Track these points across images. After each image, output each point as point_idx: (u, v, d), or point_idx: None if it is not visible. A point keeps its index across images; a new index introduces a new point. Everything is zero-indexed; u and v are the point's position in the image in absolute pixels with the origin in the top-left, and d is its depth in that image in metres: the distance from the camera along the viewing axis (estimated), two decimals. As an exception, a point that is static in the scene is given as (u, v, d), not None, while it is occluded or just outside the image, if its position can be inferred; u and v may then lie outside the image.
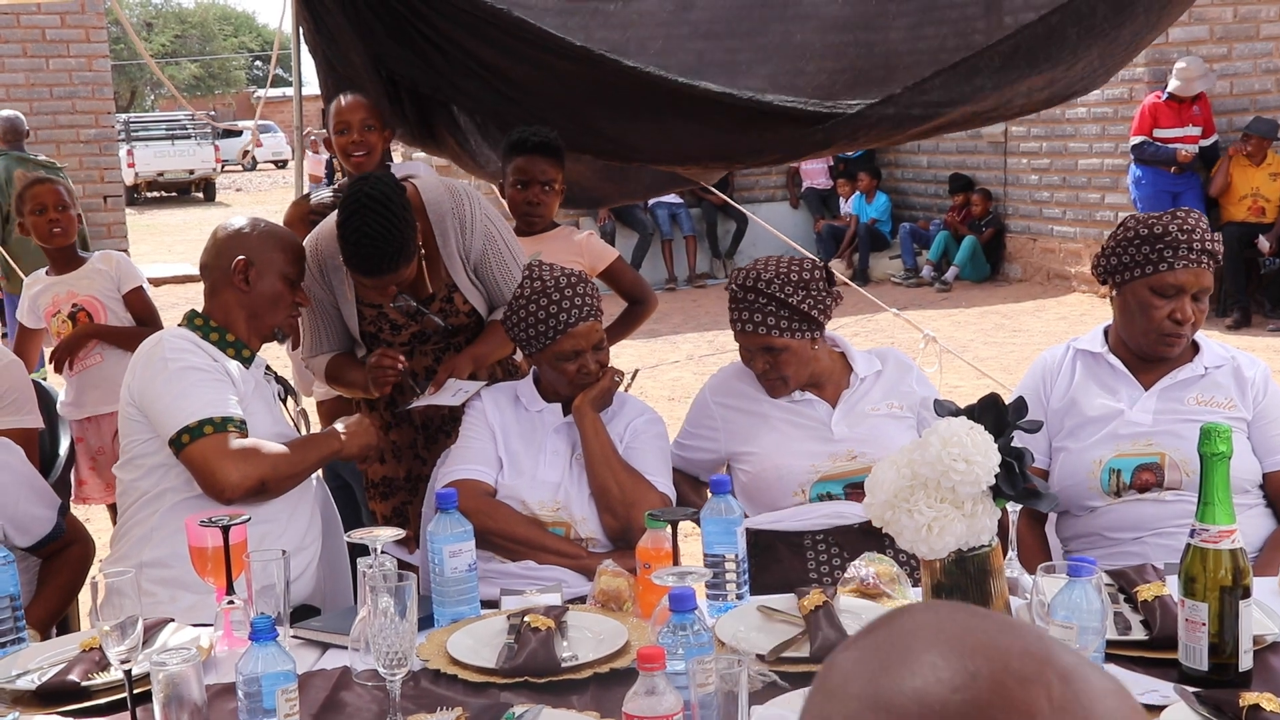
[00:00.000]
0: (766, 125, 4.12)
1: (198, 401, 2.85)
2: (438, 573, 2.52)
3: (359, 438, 3.08)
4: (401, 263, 3.24)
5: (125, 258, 4.86)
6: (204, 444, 2.81)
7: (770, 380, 3.06)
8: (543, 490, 3.02)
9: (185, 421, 2.82)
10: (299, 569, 2.92)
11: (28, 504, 3.02)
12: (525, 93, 4.32)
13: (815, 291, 3.00)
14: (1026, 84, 3.96)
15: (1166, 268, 2.87)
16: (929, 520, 2.07)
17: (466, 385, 3.32)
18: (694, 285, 14.23)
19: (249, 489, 2.83)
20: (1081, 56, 3.89)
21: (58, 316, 4.72)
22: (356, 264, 3.25)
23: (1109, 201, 11.71)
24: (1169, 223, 2.90)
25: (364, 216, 3.17)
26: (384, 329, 3.50)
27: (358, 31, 4.39)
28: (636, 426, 3.12)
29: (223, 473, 2.80)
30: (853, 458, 2.97)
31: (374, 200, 3.18)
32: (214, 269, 3.05)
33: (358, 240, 3.18)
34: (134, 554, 2.87)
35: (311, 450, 3.01)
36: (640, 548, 2.51)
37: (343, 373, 3.54)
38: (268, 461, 2.86)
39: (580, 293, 3.04)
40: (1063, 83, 4.05)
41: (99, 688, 2.25)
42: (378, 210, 3.17)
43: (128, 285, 4.75)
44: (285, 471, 2.90)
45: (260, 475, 2.84)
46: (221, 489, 2.81)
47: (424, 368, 3.47)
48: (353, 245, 3.20)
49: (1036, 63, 3.84)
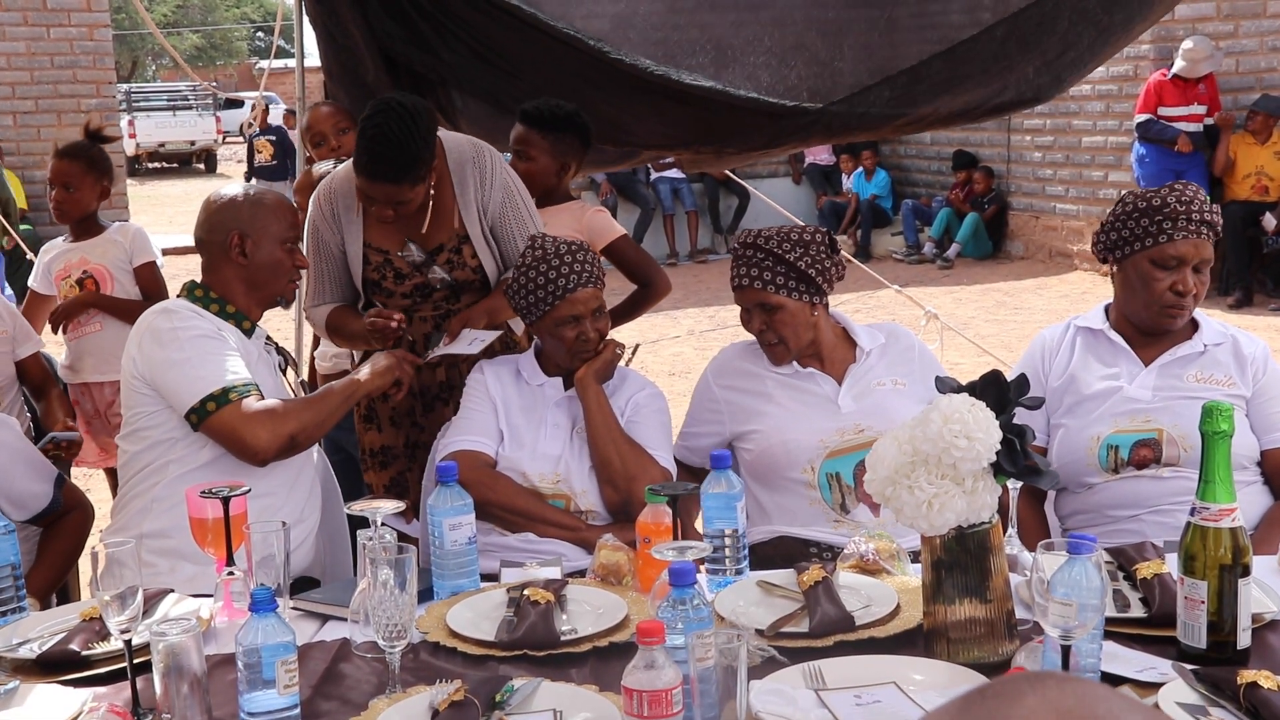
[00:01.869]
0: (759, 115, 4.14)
1: (217, 369, 2.85)
2: (438, 545, 2.52)
3: (379, 372, 3.08)
4: (408, 177, 3.22)
5: (142, 232, 4.84)
6: (230, 410, 2.81)
7: (768, 344, 3.05)
8: (543, 463, 3.02)
9: (209, 389, 2.82)
10: (298, 540, 2.93)
11: (24, 480, 3.01)
12: (520, 73, 4.32)
13: (816, 254, 2.99)
14: (1017, 73, 3.98)
15: (1166, 239, 2.88)
16: (930, 497, 2.07)
17: (482, 334, 3.32)
18: (695, 260, 14.23)
19: (281, 446, 2.85)
20: (1071, 44, 3.90)
21: (66, 281, 4.72)
22: (365, 164, 3.22)
23: (1112, 180, 11.68)
24: (1167, 195, 2.91)
25: (387, 117, 3.17)
26: (388, 277, 3.48)
27: (355, 4, 4.39)
28: (638, 400, 3.13)
29: (252, 435, 2.82)
30: (860, 431, 2.96)
31: (404, 107, 3.19)
32: (209, 244, 3.03)
33: (374, 137, 3.18)
34: (134, 525, 2.87)
35: (333, 396, 3.01)
36: (640, 522, 2.51)
37: (344, 322, 3.53)
38: (294, 416, 2.88)
39: (580, 259, 3.05)
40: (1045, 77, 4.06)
41: (99, 657, 2.26)
42: (403, 116, 3.17)
43: (140, 259, 4.74)
44: (312, 421, 2.91)
45: (289, 431, 2.86)
46: (255, 451, 2.83)
47: (423, 335, 3.45)
48: (368, 142, 3.19)
49: (1028, 50, 3.86)
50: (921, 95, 4.03)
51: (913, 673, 2.06)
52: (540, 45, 4.18)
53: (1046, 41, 3.86)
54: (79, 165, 4.63)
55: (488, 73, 4.33)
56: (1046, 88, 4.19)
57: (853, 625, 2.23)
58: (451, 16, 4.29)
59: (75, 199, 4.66)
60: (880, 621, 2.25)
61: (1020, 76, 4.00)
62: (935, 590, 2.15)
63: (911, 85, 3.96)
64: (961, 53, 3.88)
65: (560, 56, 4.17)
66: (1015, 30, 3.81)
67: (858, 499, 2.93)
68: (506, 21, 4.13)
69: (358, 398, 3.10)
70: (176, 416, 2.87)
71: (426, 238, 3.43)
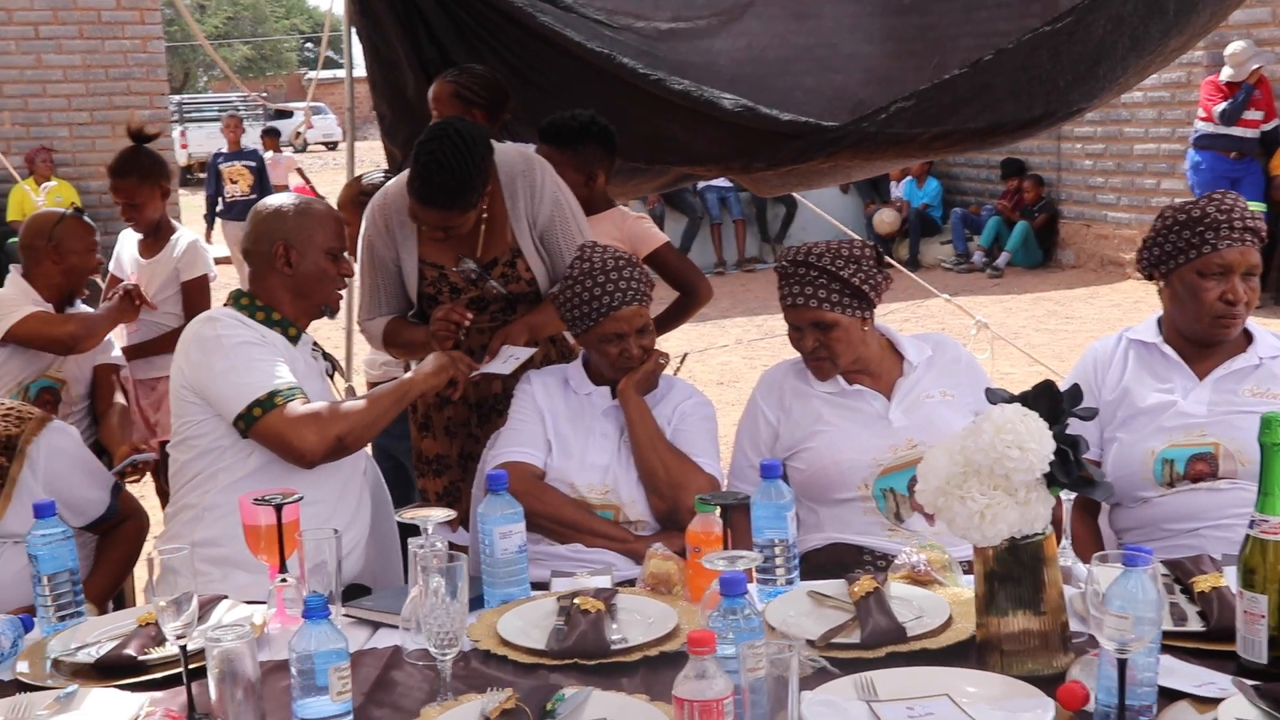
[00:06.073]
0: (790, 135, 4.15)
1: (262, 375, 2.88)
2: (488, 554, 2.54)
3: (432, 371, 3.10)
4: (460, 203, 3.25)
5: (196, 245, 4.89)
6: (276, 414, 2.84)
7: (818, 360, 3.03)
8: (591, 473, 3.03)
9: (254, 395, 2.85)
10: (348, 547, 2.94)
11: (82, 488, 3.06)
12: (559, 90, 4.35)
13: (866, 268, 2.98)
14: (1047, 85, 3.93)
15: (1210, 249, 2.86)
16: (982, 507, 2.06)
17: (519, 352, 3.33)
18: (743, 269, 14.22)
19: (329, 448, 2.87)
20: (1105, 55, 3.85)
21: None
22: (418, 189, 3.25)
23: (1165, 187, 11.57)
24: (1206, 205, 2.90)
25: (442, 144, 3.20)
26: (443, 291, 3.50)
27: (397, 18, 4.44)
28: (684, 409, 3.13)
29: (299, 438, 2.84)
30: (912, 446, 2.94)
31: (458, 134, 3.21)
32: (256, 255, 3.06)
33: (428, 164, 3.20)
34: (186, 533, 2.90)
35: (384, 398, 3.02)
36: (690, 531, 2.51)
37: (401, 332, 3.55)
38: (341, 418, 2.89)
39: (627, 276, 3.05)
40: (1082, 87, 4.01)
41: (155, 662, 2.29)
42: (457, 143, 3.19)
43: (188, 274, 4.80)
44: (360, 423, 2.92)
45: (337, 433, 2.87)
46: (302, 453, 2.85)
47: (480, 345, 3.47)
48: (421, 167, 3.21)
49: (1059, 60, 3.82)
50: (947, 110, 3.99)
51: (966, 685, 2.04)
52: (578, 64, 4.22)
53: (1079, 51, 3.82)
54: (133, 180, 4.70)
55: (528, 90, 4.36)
56: (1078, 102, 4.14)
57: (905, 636, 2.22)
58: (493, 34, 4.35)
59: (141, 212, 4.75)
60: (933, 633, 2.24)
61: (1051, 89, 3.95)
62: (988, 602, 2.14)
63: (937, 99, 3.92)
64: (988, 64, 3.84)
65: (598, 77, 4.20)
66: (1047, 39, 3.77)
67: (911, 508, 2.92)
68: (545, 40, 4.19)
69: (411, 399, 3.12)
70: (225, 424, 2.90)
71: (481, 252, 3.45)
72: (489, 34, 4.36)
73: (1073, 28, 3.72)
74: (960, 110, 3.98)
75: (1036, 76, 3.87)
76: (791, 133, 4.12)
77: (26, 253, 4.26)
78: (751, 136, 4.18)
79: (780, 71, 4.46)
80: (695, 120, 4.18)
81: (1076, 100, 4.06)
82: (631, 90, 4.16)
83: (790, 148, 4.17)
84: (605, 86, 4.20)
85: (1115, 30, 3.74)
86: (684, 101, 4.10)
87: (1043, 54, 3.80)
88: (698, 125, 4.23)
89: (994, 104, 3.99)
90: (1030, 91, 3.93)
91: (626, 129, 4.19)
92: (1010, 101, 3.98)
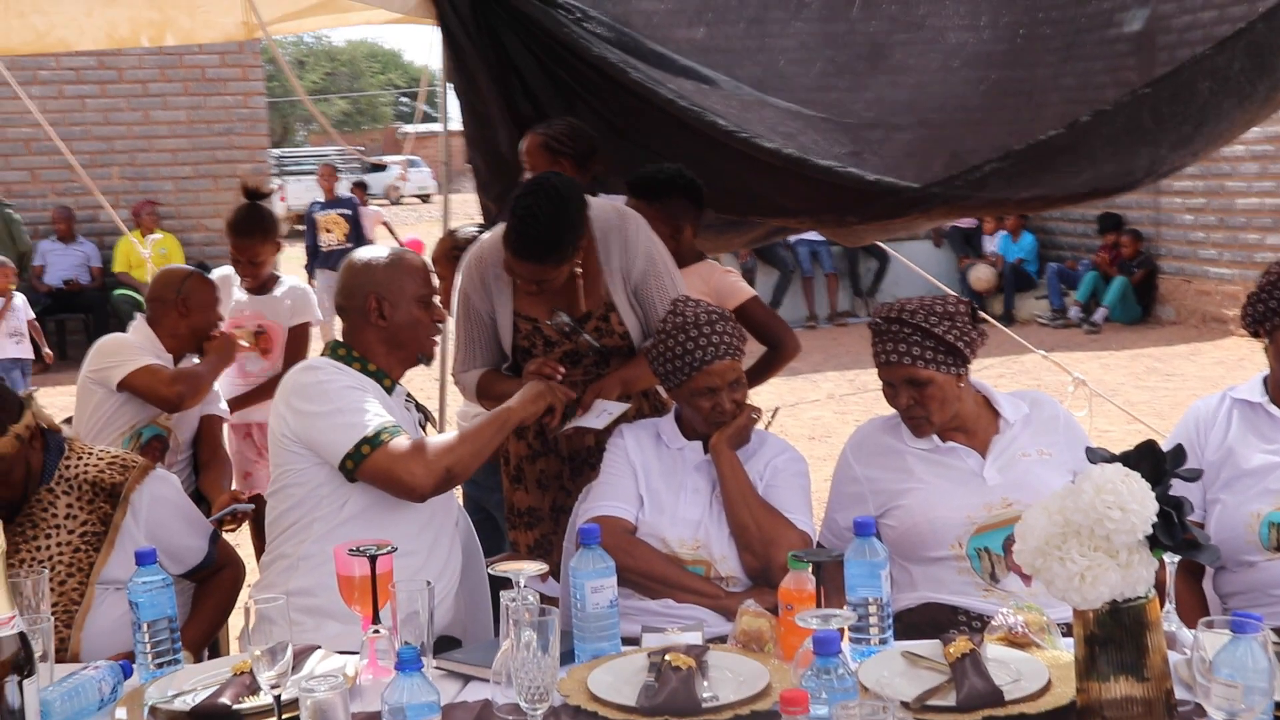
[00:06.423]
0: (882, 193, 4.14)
1: (368, 414, 2.93)
2: (579, 608, 2.54)
3: (530, 399, 3.14)
4: (554, 257, 3.29)
5: (309, 294, 5.09)
6: (384, 451, 2.88)
7: (914, 418, 3.01)
8: (683, 528, 3.03)
9: (362, 433, 2.89)
10: (439, 598, 2.95)
11: (182, 536, 3.12)
12: (650, 145, 4.39)
13: (960, 324, 2.96)
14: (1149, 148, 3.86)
15: None
16: (1082, 569, 2.02)
17: (611, 407, 3.35)
18: (835, 323, 14.17)
19: (438, 480, 2.92)
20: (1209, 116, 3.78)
21: (242, 329, 4.95)
22: (514, 243, 3.30)
23: (1270, 243, 11.35)
24: None
25: (538, 198, 3.26)
26: (538, 344, 3.54)
27: (491, 73, 4.52)
28: (776, 464, 3.12)
29: (408, 473, 2.88)
30: (1008, 505, 2.90)
31: (553, 188, 3.27)
32: (349, 310, 3.11)
33: (523, 217, 3.25)
34: (281, 582, 2.94)
35: (486, 427, 3.06)
36: (782, 589, 2.49)
37: (495, 385, 3.58)
38: (447, 450, 2.94)
39: (720, 330, 3.06)
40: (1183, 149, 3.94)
41: (249, 711, 2.31)
42: (552, 197, 3.25)
43: (297, 319, 4.99)
44: (467, 454, 2.97)
45: (445, 465, 2.92)
46: (412, 487, 2.90)
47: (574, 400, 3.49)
48: (517, 220, 3.27)
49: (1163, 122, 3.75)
50: (1043, 172, 3.94)
51: (1065, 752, 2.00)
52: (669, 119, 4.25)
53: (1183, 111, 3.75)
54: (257, 239, 4.86)
55: (620, 143, 4.41)
56: (1181, 161, 4.07)
57: (1002, 700, 2.18)
58: (586, 89, 4.41)
59: (260, 268, 4.93)
60: (1031, 697, 2.20)
61: (1153, 150, 3.88)
62: (1089, 666, 2.09)
63: (1033, 160, 3.87)
64: (1086, 125, 3.78)
65: (689, 133, 4.23)
66: (1148, 100, 3.71)
67: (1008, 568, 2.87)
68: (638, 96, 4.24)
69: (510, 427, 3.14)
70: (324, 472, 2.94)
71: (575, 306, 3.48)
72: (582, 89, 4.43)
73: (1175, 88, 3.66)
74: (1057, 172, 3.94)
75: (1138, 138, 3.81)
76: (882, 190, 4.12)
77: (154, 305, 4.43)
78: (842, 193, 4.19)
79: (870, 124, 4.46)
80: (785, 176, 4.19)
81: (1179, 159, 4.00)
82: (722, 146, 4.18)
83: (882, 204, 4.17)
84: (696, 142, 4.23)
85: (1221, 89, 3.68)
86: (773, 159, 4.11)
87: (1144, 114, 3.74)
88: (788, 181, 4.24)
89: (1093, 166, 3.94)
90: (1132, 153, 3.87)
91: (717, 183, 4.21)
92: (1110, 163, 3.92)
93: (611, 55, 4.25)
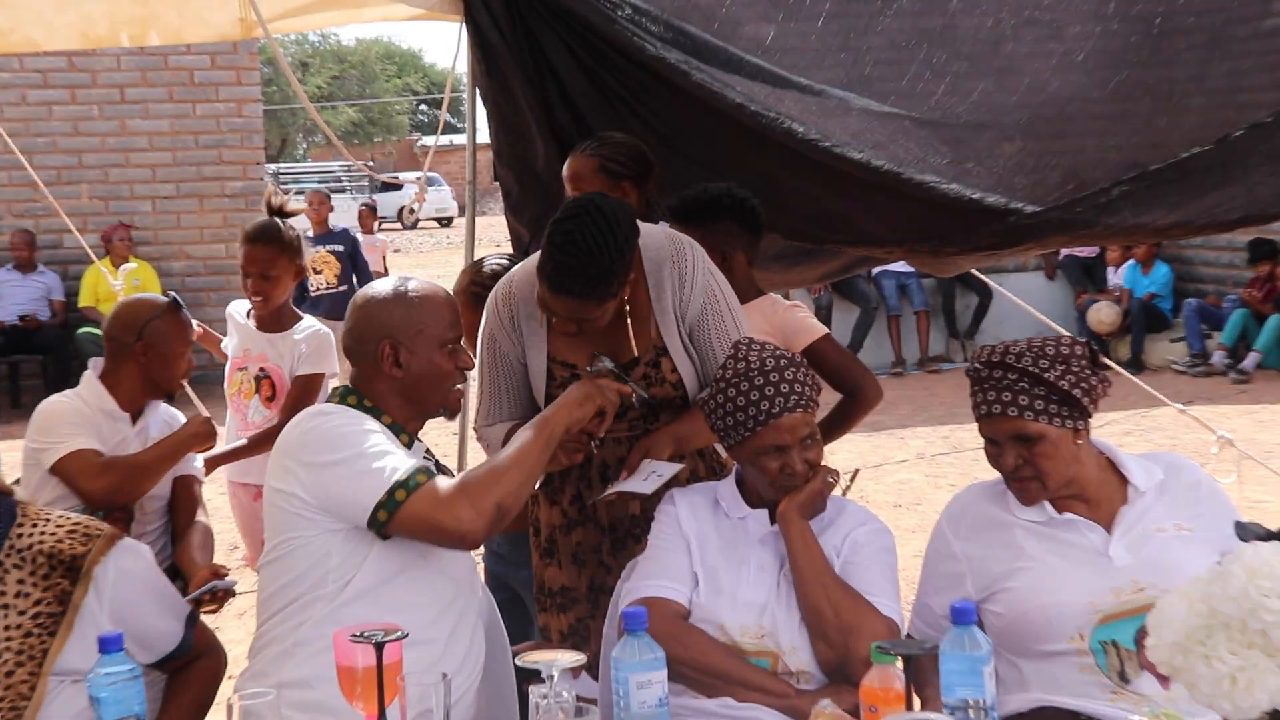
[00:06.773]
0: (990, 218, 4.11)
1: (398, 457, 2.92)
2: (622, 706, 2.52)
3: (575, 402, 3.12)
4: (599, 291, 3.27)
5: (327, 342, 5.07)
6: (421, 495, 2.86)
7: (1023, 481, 2.98)
8: (745, 613, 3.02)
9: (395, 478, 2.87)
10: (458, 693, 2.95)
11: (153, 617, 3.13)
12: (711, 162, 4.39)
13: (1076, 368, 2.94)
14: None
15: None
16: (1233, 670, 1.99)
17: (662, 468, 3.34)
18: (926, 370, 14.14)
19: (490, 519, 2.89)
20: None
21: (244, 372, 5.05)
22: (551, 274, 3.27)
23: None
24: None
25: (581, 222, 3.23)
26: None
27: (527, 78, 4.53)
28: (857, 538, 3.11)
29: (454, 518, 2.86)
30: (1139, 589, 2.88)
31: (600, 211, 3.24)
32: (359, 355, 3.11)
33: (563, 244, 3.23)
34: (273, 671, 2.94)
35: (530, 446, 3.02)
36: (865, 687, 2.47)
37: None
38: (492, 482, 2.92)
39: (790, 378, 3.05)
40: None
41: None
42: (599, 222, 3.22)
43: (305, 369, 5.00)
44: (515, 482, 2.95)
45: (494, 500, 2.89)
46: (460, 535, 2.88)
47: (616, 458, 3.48)
48: (555, 249, 3.25)
49: None
50: (1185, 195, 3.90)
51: None
52: (735, 130, 4.24)
53: None
54: (274, 249, 4.93)
55: (674, 160, 4.41)
56: None
57: (1133, 826, 2.14)
58: (637, 96, 4.41)
59: (275, 287, 4.97)
60: (1167, 824, 2.16)
61: None
62: (1240, 788, 2.05)
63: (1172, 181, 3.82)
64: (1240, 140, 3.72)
65: (759, 145, 4.23)
66: None
67: (1140, 666, 2.84)
68: (700, 102, 4.23)
69: (558, 438, 3.10)
70: (336, 539, 2.92)
71: (620, 349, 3.48)
72: (632, 95, 4.44)
73: None
74: (1203, 195, 3.89)
75: None
76: (990, 214, 4.09)
77: (111, 346, 4.23)
78: (941, 215, 4.17)
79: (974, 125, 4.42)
80: (874, 194, 4.18)
81: None
82: (797, 160, 4.18)
83: (989, 230, 4.14)
84: (767, 156, 4.24)
85: None
86: (862, 174, 4.10)
87: None
88: (877, 200, 4.23)
89: (1248, 189, 3.89)
90: None
91: (790, 204, 4.21)
92: (1267, 185, 3.87)
93: (671, 56, 4.24)
